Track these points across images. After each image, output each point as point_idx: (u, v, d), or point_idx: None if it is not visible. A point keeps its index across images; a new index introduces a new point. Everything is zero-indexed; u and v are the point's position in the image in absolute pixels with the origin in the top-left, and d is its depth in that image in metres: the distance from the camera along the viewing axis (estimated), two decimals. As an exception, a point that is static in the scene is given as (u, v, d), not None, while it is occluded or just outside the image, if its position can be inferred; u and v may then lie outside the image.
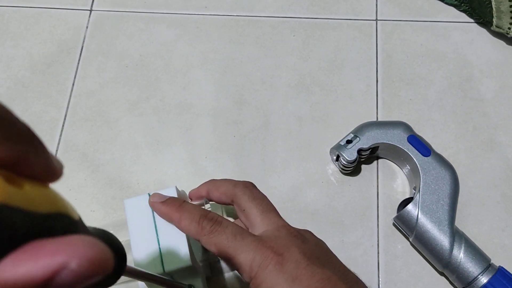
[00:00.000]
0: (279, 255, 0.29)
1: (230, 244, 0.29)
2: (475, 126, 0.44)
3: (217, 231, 0.30)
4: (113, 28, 0.50)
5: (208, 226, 0.30)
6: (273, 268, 0.28)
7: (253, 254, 0.29)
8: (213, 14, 0.51)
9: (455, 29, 0.48)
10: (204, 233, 0.30)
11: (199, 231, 0.30)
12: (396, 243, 0.40)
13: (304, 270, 0.28)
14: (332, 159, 0.42)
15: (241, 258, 0.29)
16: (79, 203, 0.42)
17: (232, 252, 0.29)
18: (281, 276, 0.28)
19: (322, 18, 0.50)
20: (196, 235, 0.31)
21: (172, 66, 0.48)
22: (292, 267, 0.28)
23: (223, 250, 0.30)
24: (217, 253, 0.30)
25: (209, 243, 0.30)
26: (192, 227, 0.31)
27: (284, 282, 0.28)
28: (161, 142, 0.45)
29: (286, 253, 0.29)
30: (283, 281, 0.28)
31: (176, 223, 0.32)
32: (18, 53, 0.50)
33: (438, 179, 0.38)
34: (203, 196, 0.36)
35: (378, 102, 0.45)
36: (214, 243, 0.30)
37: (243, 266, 0.29)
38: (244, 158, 0.44)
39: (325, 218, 0.41)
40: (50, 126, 0.46)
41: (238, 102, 0.46)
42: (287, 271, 0.28)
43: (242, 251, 0.29)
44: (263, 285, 0.28)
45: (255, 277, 0.29)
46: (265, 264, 0.29)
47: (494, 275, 0.35)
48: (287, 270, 0.28)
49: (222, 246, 0.30)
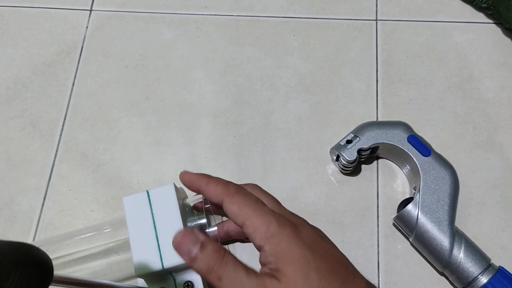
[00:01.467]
0: (295, 225, 0.31)
1: (251, 206, 0.31)
2: (475, 126, 0.44)
3: (241, 194, 0.32)
4: (113, 28, 0.50)
5: (233, 189, 0.32)
6: (291, 232, 0.30)
7: (271, 218, 0.30)
8: (213, 14, 0.51)
9: (455, 29, 0.48)
10: (230, 193, 0.32)
11: (225, 191, 0.32)
12: (396, 243, 0.40)
13: (319, 244, 0.31)
14: (332, 159, 0.42)
15: (259, 219, 0.30)
16: (79, 203, 0.42)
17: (252, 213, 0.31)
18: (299, 240, 0.30)
19: (322, 18, 0.50)
20: (221, 194, 0.32)
21: (172, 66, 0.48)
22: (309, 237, 0.30)
23: (243, 210, 0.31)
24: (235, 214, 0.31)
25: (232, 202, 0.31)
26: (219, 187, 0.32)
27: (302, 245, 0.29)
28: (161, 142, 0.45)
29: (300, 226, 0.31)
30: (301, 244, 0.30)
31: (204, 186, 0.33)
32: (18, 53, 0.50)
33: (438, 179, 0.38)
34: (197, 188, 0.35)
35: (378, 102, 0.45)
36: (236, 203, 0.31)
37: (259, 228, 0.30)
38: (244, 158, 0.44)
39: (325, 218, 0.41)
40: (50, 126, 0.46)
41: (238, 102, 0.46)
42: (304, 239, 0.30)
43: (261, 214, 0.31)
44: (281, 245, 0.29)
45: (272, 236, 0.30)
46: (283, 227, 0.30)
47: (494, 275, 0.35)
48: (304, 238, 0.30)
49: (243, 206, 0.31)
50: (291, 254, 0.29)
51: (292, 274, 0.29)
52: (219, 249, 0.30)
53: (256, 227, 0.30)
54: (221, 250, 0.30)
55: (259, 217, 0.30)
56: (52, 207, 0.42)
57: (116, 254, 0.36)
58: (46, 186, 0.43)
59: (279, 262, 0.29)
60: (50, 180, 0.44)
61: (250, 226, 0.30)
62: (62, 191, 0.43)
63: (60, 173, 0.44)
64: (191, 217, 0.36)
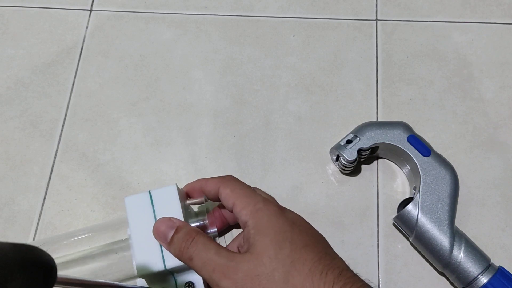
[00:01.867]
0: (282, 207, 0.33)
1: (243, 189, 0.33)
2: (475, 126, 0.44)
3: (235, 180, 0.35)
4: (113, 28, 0.50)
5: (228, 177, 0.35)
6: (276, 208, 0.32)
7: (259, 198, 0.33)
8: (213, 14, 0.51)
9: (455, 29, 0.48)
10: (225, 180, 0.34)
11: (221, 179, 0.34)
12: (396, 243, 0.40)
13: (301, 222, 0.33)
14: (332, 159, 0.42)
15: (248, 199, 0.32)
16: (79, 203, 0.42)
17: (242, 193, 0.33)
18: (281, 216, 0.31)
19: (322, 18, 0.50)
20: (218, 183, 0.34)
21: (172, 66, 0.48)
22: (292, 216, 0.33)
23: (235, 191, 0.33)
24: (228, 196, 0.33)
25: (226, 186, 0.33)
26: (217, 179, 0.35)
27: (283, 220, 0.31)
28: (161, 142, 0.45)
29: (284, 208, 0.33)
30: (283, 219, 0.31)
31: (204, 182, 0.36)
32: (18, 53, 0.50)
33: (438, 179, 0.38)
34: (199, 190, 0.36)
35: (378, 102, 0.45)
36: (230, 186, 0.33)
37: (247, 206, 0.32)
38: (244, 158, 0.44)
39: (325, 218, 0.41)
40: (50, 126, 0.46)
41: (238, 102, 0.46)
42: (287, 216, 0.32)
43: (251, 195, 0.33)
44: (263, 219, 0.31)
45: (257, 211, 0.31)
46: (269, 205, 0.32)
47: (494, 275, 0.35)
48: (287, 215, 0.32)
49: (235, 188, 0.33)
50: (270, 226, 0.31)
51: (264, 246, 0.30)
52: (191, 232, 0.31)
53: (244, 206, 0.32)
54: (193, 233, 0.31)
55: (247, 197, 0.32)
56: (52, 207, 0.42)
57: (116, 254, 0.36)
58: (46, 186, 0.43)
59: (256, 235, 0.30)
60: (50, 180, 0.44)
61: (238, 205, 0.32)
62: (62, 191, 0.43)
63: (60, 173, 0.44)
64: (192, 218, 0.36)
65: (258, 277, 0.28)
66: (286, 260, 0.29)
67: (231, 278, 0.29)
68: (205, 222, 0.35)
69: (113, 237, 0.38)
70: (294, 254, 0.29)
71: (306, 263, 0.29)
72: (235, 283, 0.29)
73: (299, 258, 0.29)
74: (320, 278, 0.28)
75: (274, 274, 0.28)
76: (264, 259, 0.29)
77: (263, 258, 0.29)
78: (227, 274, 0.29)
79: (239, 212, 0.32)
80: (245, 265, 0.29)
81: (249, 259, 0.29)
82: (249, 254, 0.30)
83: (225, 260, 0.29)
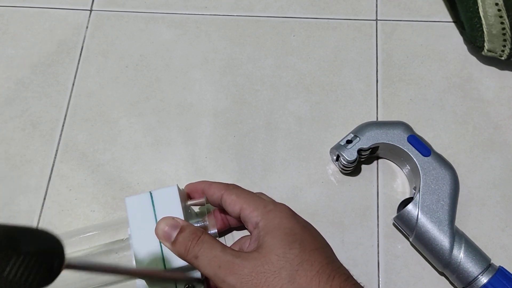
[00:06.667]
0: (290, 209, 0.33)
1: (249, 194, 0.34)
2: (475, 126, 0.44)
3: (239, 188, 0.35)
4: (113, 28, 0.50)
5: (232, 185, 0.35)
6: (287, 209, 0.32)
7: (268, 200, 0.33)
8: (213, 14, 0.51)
9: (455, 29, 0.48)
10: (229, 187, 0.34)
11: (225, 186, 0.35)
12: (396, 243, 0.40)
13: (312, 227, 0.33)
14: (332, 159, 0.42)
15: (257, 201, 0.33)
16: (79, 203, 0.42)
17: (250, 197, 0.33)
18: (293, 218, 0.32)
19: (322, 18, 0.50)
20: (221, 189, 0.34)
21: (172, 66, 0.48)
22: (302, 220, 0.33)
23: (241, 197, 0.33)
24: (234, 201, 0.33)
25: (231, 193, 0.34)
26: (221, 185, 0.35)
27: (295, 221, 0.31)
28: (161, 142, 0.45)
29: (294, 212, 0.33)
30: (294, 221, 0.31)
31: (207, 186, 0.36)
32: (18, 53, 0.50)
33: (438, 179, 0.38)
34: (200, 191, 0.37)
35: (378, 102, 0.45)
36: (235, 193, 0.34)
37: (258, 207, 0.32)
38: (244, 158, 0.44)
39: (325, 218, 0.41)
40: (50, 126, 0.46)
41: (238, 102, 0.46)
42: (298, 219, 0.32)
43: (258, 199, 0.33)
44: (275, 220, 0.31)
45: (268, 212, 0.32)
46: (279, 207, 0.32)
47: (494, 275, 0.35)
48: (298, 218, 0.32)
49: (241, 194, 0.34)
50: (282, 227, 0.31)
51: (273, 245, 0.30)
52: (197, 231, 0.31)
53: (254, 208, 0.32)
54: (199, 232, 0.31)
55: (256, 201, 0.33)
56: (52, 207, 0.42)
57: (116, 254, 0.36)
58: (46, 186, 0.43)
59: (266, 236, 0.31)
60: (50, 180, 0.44)
61: (247, 208, 0.32)
62: (62, 191, 0.43)
63: (60, 173, 0.44)
64: (193, 219, 0.36)
65: (264, 274, 0.28)
66: (294, 260, 0.29)
67: (237, 274, 0.29)
68: (206, 223, 0.35)
69: (113, 237, 0.38)
70: (303, 255, 0.29)
71: (314, 265, 0.29)
72: (240, 279, 0.28)
73: (308, 260, 0.29)
74: (326, 281, 0.28)
75: (281, 272, 0.28)
76: (272, 257, 0.29)
77: (271, 256, 0.29)
78: (233, 270, 0.29)
79: (248, 215, 0.32)
80: (251, 262, 0.29)
81: (256, 256, 0.29)
82: (257, 252, 0.30)
83: (231, 257, 0.29)
